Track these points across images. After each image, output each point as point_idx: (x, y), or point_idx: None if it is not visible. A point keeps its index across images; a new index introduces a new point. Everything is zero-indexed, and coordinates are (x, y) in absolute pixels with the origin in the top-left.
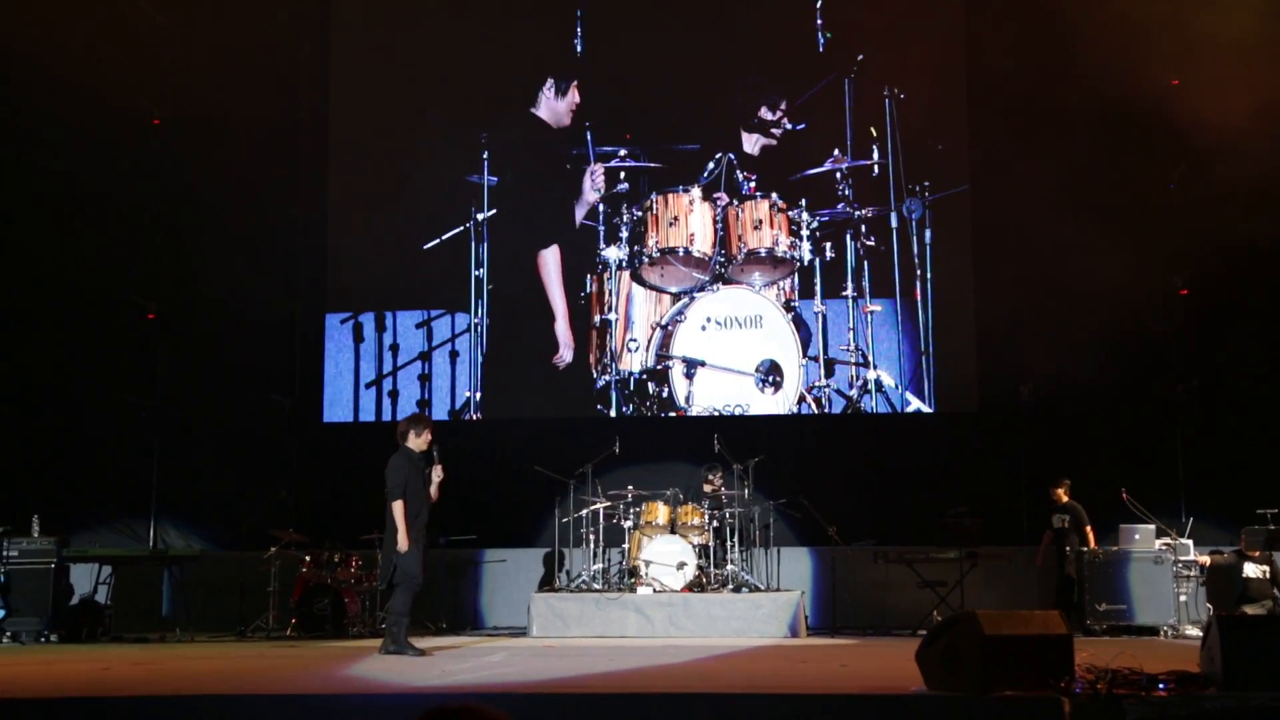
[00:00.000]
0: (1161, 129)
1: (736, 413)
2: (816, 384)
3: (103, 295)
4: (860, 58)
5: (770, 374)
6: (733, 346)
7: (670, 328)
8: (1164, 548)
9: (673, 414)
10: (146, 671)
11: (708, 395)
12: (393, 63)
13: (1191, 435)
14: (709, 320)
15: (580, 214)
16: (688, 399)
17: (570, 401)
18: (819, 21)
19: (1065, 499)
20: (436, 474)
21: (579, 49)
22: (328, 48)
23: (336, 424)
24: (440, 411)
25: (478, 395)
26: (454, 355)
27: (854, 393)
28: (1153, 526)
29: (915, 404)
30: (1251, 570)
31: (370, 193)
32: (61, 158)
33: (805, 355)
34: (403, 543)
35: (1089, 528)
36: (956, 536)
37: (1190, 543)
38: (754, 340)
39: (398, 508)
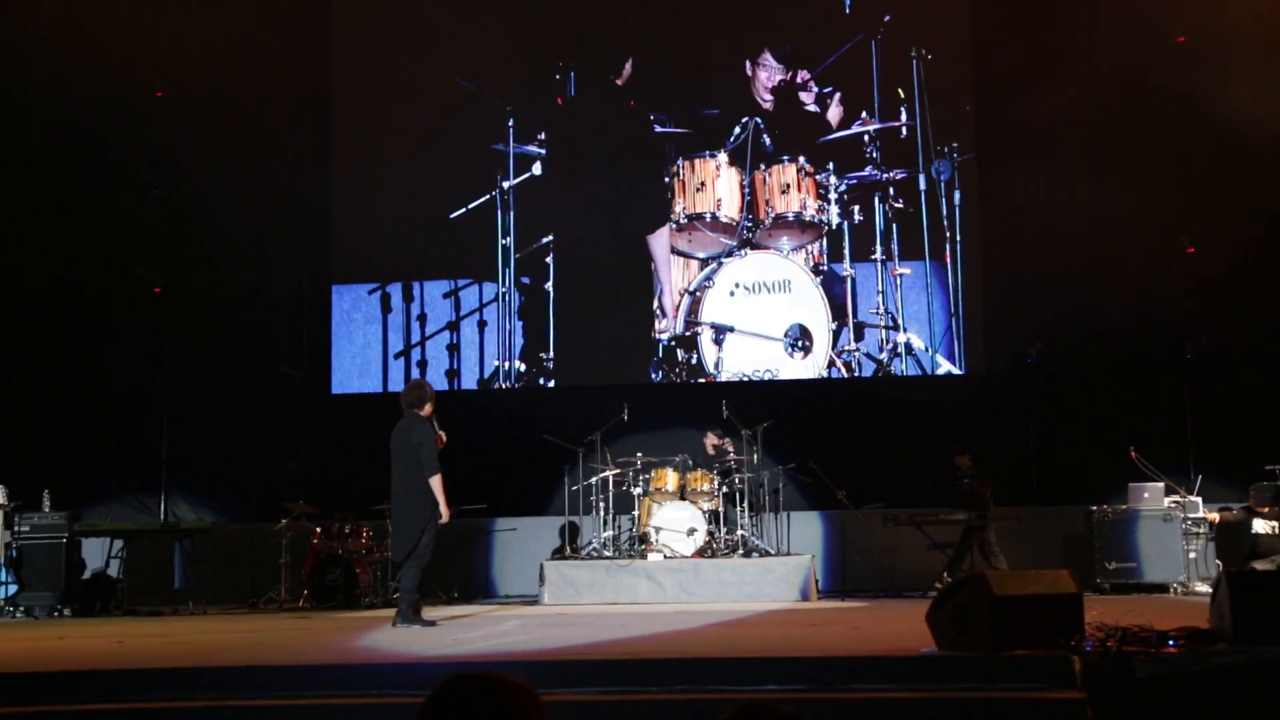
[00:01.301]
0: (1168, 86)
1: (765, 378)
2: (846, 348)
3: (110, 269)
4: (887, 18)
5: (800, 339)
6: (762, 312)
7: (699, 294)
8: (1173, 505)
9: (702, 380)
10: (160, 644)
11: (737, 361)
12: (406, 31)
13: (1199, 393)
14: (737, 286)
15: None
16: (717, 365)
17: (616, 369)
18: None
19: (969, 464)
20: (443, 439)
21: (605, 14)
22: (329, 19)
23: (346, 395)
24: (469, 381)
25: (515, 364)
26: (482, 324)
27: (884, 356)
28: (1161, 484)
29: (946, 366)
30: (1260, 526)
31: (384, 162)
32: (66, 132)
33: (834, 319)
34: (446, 514)
35: (987, 491)
36: (967, 498)
37: (1199, 500)
38: (783, 305)
39: (437, 481)
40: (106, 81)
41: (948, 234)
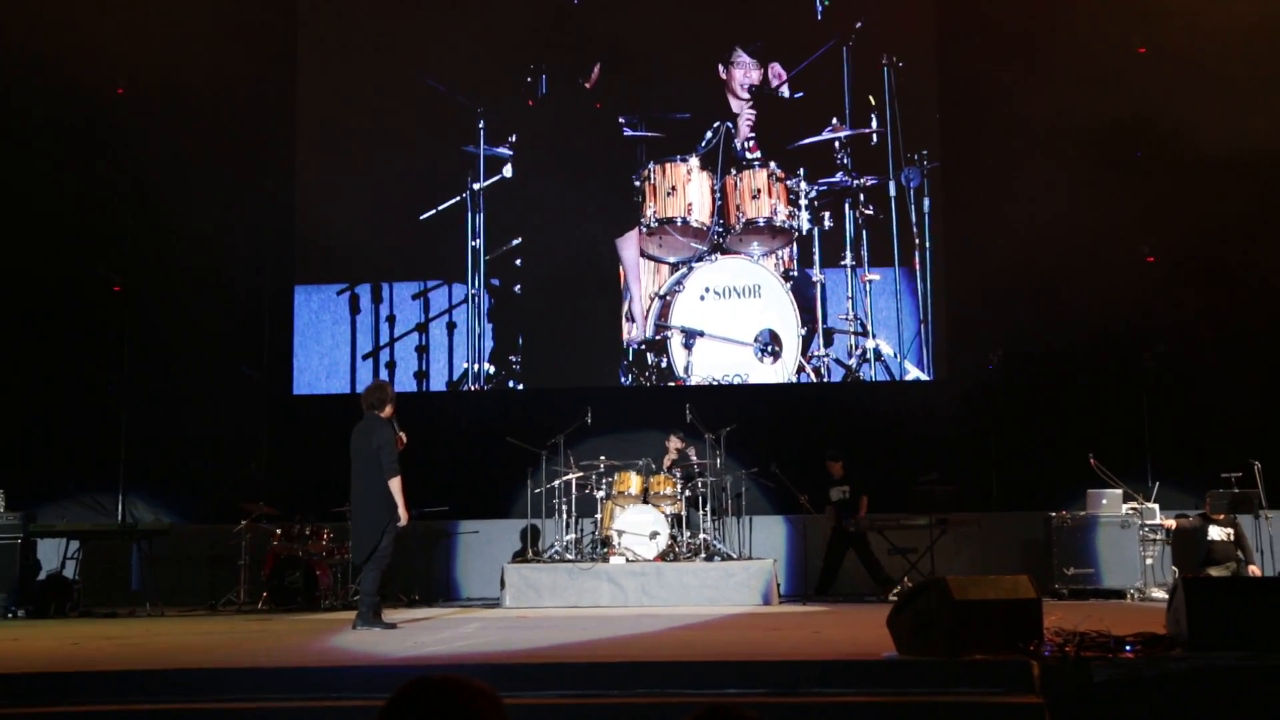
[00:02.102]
0: (1131, 97)
1: (735, 382)
2: (816, 354)
3: (70, 266)
4: (859, 25)
5: (769, 344)
6: (732, 317)
7: (669, 298)
8: (1131, 512)
9: (671, 384)
10: (116, 647)
11: (707, 365)
12: (373, 31)
13: (1157, 401)
14: (707, 290)
15: None
16: (687, 369)
17: (584, 372)
18: None
19: (842, 472)
20: (403, 440)
21: (576, 16)
22: (295, 17)
23: (307, 396)
24: (438, 382)
25: (484, 366)
26: (451, 326)
27: (853, 362)
28: (1120, 491)
29: (914, 373)
30: (1216, 533)
31: (352, 163)
32: (25, 128)
33: (804, 325)
34: (405, 517)
35: (864, 498)
36: (928, 503)
37: (1156, 507)
38: (753, 310)
39: (397, 483)
40: (67, 78)
41: (917, 241)
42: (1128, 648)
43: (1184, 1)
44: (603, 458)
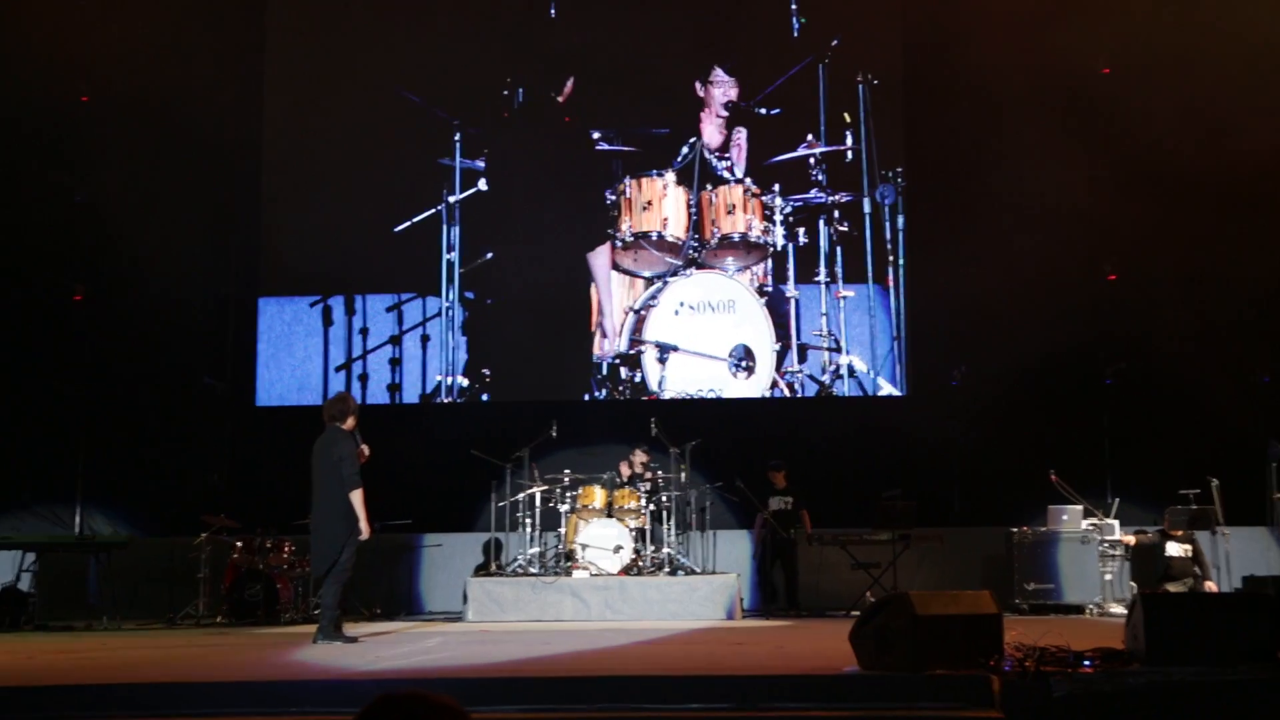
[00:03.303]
0: (1093, 116)
1: (709, 397)
2: (790, 369)
3: (30, 275)
4: (834, 43)
5: (744, 359)
6: (706, 331)
7: (643, 312)
8: (1090, 528)
9: (645, 399)
10: (72, 660)
11: (681, 380)
12: (343, 43)
13: (1118, 418)
14: (682, 305)
15: None
16: (660, 384)
17: (557, 385)
18: (793, 6)
19: (785, 483)
20: (365, 453)
21: (553, 32)
22: (263, 27)
23: (270, 408)
24: (412, 395)
25: (458, 379)
26: (425, 339)
27: (826, 378)
28: (1080, 507)
29: (887, 389)
30: (1174, 549)
31: (324, 175)
32: None
33: (778, 340)
34: (366, 530)
35: (805, 512)
36: (891, 518)
37: (1116, 523)
38: (727, 325)
39: (358, 496)
40: (30, 86)
41: (891, 258)
42: (1086, 663)
43: (1148, 22)
44: (567, 471)
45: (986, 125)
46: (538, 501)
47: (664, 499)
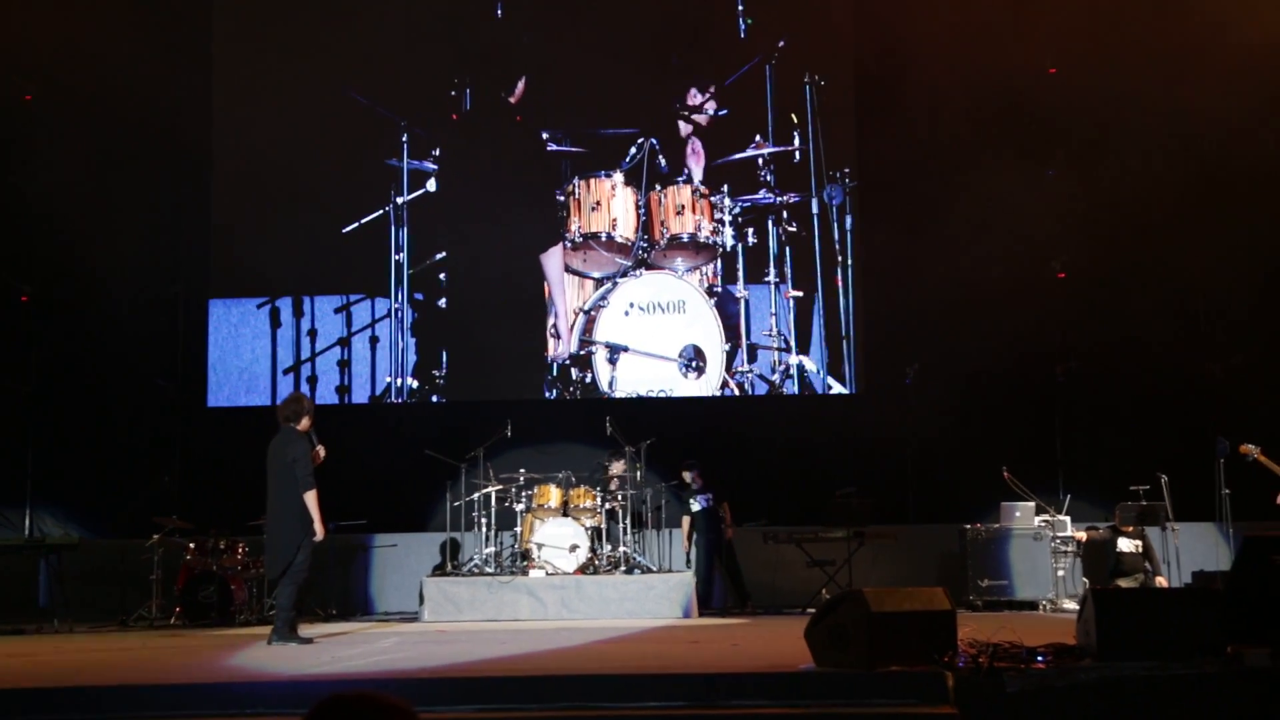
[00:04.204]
0: (1040, 116)
1: (663, 397)
2: (740, 369)
3: None
4: (781, 44)
5: (694, 359)
6: (656, 332)
7: (593, 313)
8: (1043, 524)
9: (597, 399)
10: (23, 663)
11: (631, 380)
12: (291, 44)
13: (1069, 415)
14: (632, 305)
15: None
16: (611, 384)
17: (508, 386)
18: (740, 7)
19: (699, 479)
20: (320, 455)
21: (503, 33)
22: (210, 27)
23: (221, 409)
24: (361, 396)
25: (408, 380)
26: (374, 340)
27: (776, 378)
28: (1032, 504)
29: (837, 388)
30: (1125, 545)
31: (271, 176)
32: None
33: (728, 340)
34: (320, 531)
35: (725, 504)
36: (845, 516)
37: (1068, 519)
38: (677, 325)
39: (312, 497)
40: None
41: (839, 258)
42: (1039, 658)
43: (1091, 22)
44: (522, 471)
45: (936, 123)
46: (493, 501)
47: (619, 497)
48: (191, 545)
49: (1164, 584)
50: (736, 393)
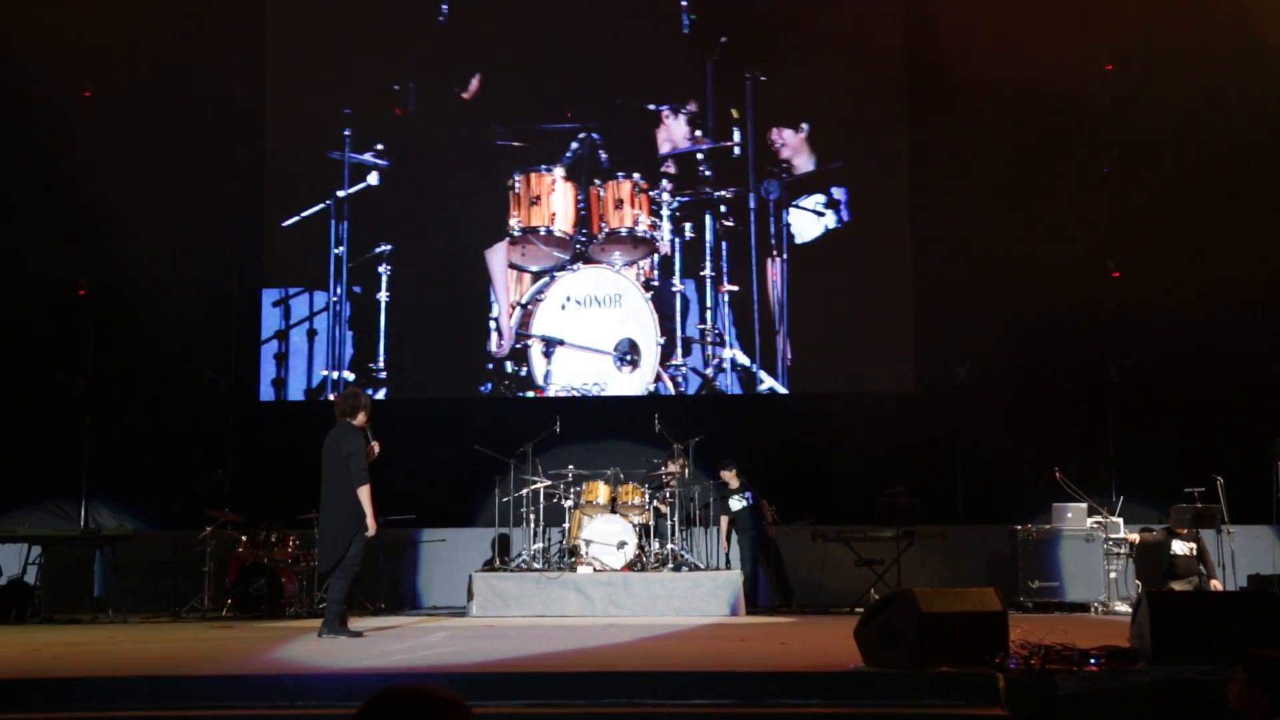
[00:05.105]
0: (1097, 113)
1: (594, 392)
2: (674, 363)
3: (34, 271)
4: (723, 40)
5: (628, 353)
6: (592, 325)
7: (530, 307)
8: (1095, 526)
9: (530, 393)
10: (78, 653)
11: (565, 374)
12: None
13: (1122, 415)
14: (569, 299)
15: None
16: (546, 378)
17: (447, 381)
18: (683, 3)
19: (737, 479)
20: (374, 450)
21: (443, 23)
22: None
23: (273, 402)
24: (296, 391)
25: (345, 374)
26: (312, 334)
27: (709, 371)
28: (1084, 505)
29: (769, 382)
30: (1179, 548)
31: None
32: None
33: (663, 334)
34: (373, 526)
35: (765, 502)
36: (894, 515)
37: (1120, 521)
38: (613, 319)
39: (365, 492)
40: (34, 79)
41: (774, 253)
42: (1092, 661)
43: (1148, 17)
44: (570, 467)
45: (990, 122)
46: (541, 497)
47: (667, 494)
48: (243, 538)
49: (1219, 587)
50: (669, 387)
